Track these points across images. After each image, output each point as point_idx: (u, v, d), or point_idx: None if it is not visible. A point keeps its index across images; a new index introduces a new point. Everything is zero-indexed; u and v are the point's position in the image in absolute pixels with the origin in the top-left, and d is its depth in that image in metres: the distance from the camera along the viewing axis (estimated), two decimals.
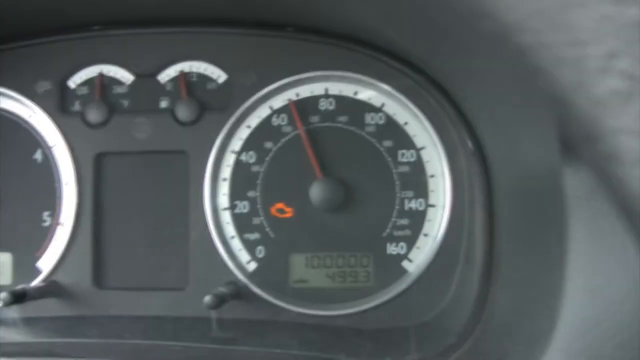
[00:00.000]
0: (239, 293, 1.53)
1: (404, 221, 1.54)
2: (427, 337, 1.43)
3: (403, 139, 1.55)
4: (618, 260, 0.90)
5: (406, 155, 1.55)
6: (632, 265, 0.91)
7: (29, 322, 1.53)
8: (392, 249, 1.54)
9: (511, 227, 1.33)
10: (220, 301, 1.42)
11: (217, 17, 1.59)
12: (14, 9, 1.49)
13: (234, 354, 1.36)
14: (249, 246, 1.57)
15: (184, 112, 1.58)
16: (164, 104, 1.61)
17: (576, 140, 0.52)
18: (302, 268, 1.56)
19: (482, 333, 1.29)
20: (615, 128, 0.50)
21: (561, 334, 0.93)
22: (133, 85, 1.62)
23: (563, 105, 0.52)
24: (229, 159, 1.59)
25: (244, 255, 1.57)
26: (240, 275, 1.55)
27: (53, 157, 1.63)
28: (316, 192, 1.54)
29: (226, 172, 1.58)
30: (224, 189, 1.58)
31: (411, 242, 1.54)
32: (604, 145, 0.51)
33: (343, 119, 1.57)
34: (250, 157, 1.58)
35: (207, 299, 1.41)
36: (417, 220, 1.54)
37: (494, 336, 1.24)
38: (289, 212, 1.57)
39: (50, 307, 1.57)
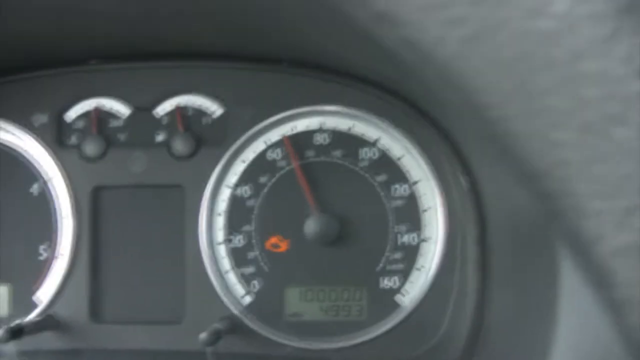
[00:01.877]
0: (234, 328, 1.54)
1: (398, 255, 1.56)
2: None
3: (397, 174, 1.56)
4: None
5: (399, 190, 1.56)
6: None
7: (25, 356, 1.54)
8: (385, 283, 1.56)
9: (504, 263, 1.35)
10: (215, 337, 1.43)
11: (213, 51, 1.61)
12: (10, 42, 1.50)
13: None
14: (244, 280, 1.59)
15: (179, 146, 1.59)
16: (159, 138, 1.62)
17: (591, 285, 0.54)
18: (296, 302, 1.58)
19: None
20: (631, 280, 0.52)
21: None
22: (129, 119, 1.63)
23: (579, 252, 0.54)
24: (224, 194, 1.60)
25: (239, 290, 1.59)
26: (235, 310, 1.56)
27: (50, 191, 1.63)
28: (310, 226, 1.55)
29: (221, 206, 1.60)
30: (219, 223, 1.60)
31: (404, 276, 1.55)
32: (618, 294, 0.52)
33: (337, 153, 1.58)
34: (245, 191, 1.59)
35: (203, 336, 1.42)
36: (411, 254, 1.56)
37: None
38: (283, 246, 1.58)
39: (47, 341, 1.58)
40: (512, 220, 1.28)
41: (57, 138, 1.64)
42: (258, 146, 1.60)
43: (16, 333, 1.48)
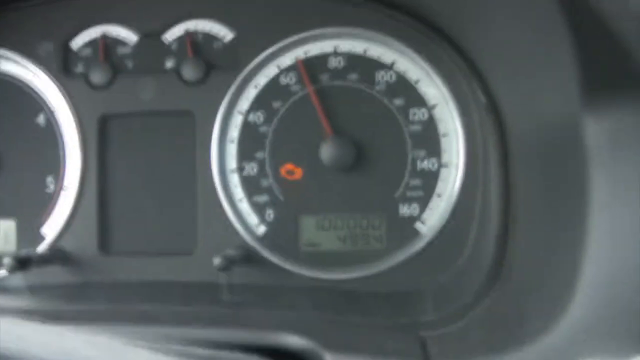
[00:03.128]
0: (249, 257, 1.50)
1: (417, 182, 1.51)
2: (443, 298, 1.40)
3: (414, 98, 1.51)
4: None
5: (417, 114, 1.51)
6: None
7: (34, 289, 1.50)
8: (404, 210, 1.51)
9: (528, 183, 1.30)
10: (229, 263, 1.39)
11: None
12: None
13: (246, 316, 1.33)
14: (258, 209, 1.54)
15: (189, 71, 1.55)
16: (169, 64, 1.58)
17: None
18: (312, 231, 1.53)
19: (499, 291, 1.27)
20: None
21: (584, 288, 0.90)
22: (137, 45, 1.59)
23: None
24: (237, 120, 1.55)
25: (252, 219, 1.54)
26: (249, 239, 1.52)
27: (56, 121, 1.59)
28: (327, 151, 1.50)
29: (234, 132, 1.55)
30: (232, 150, 1.55)
31: (424, 203, 1.51)
32: None
33: (353, 77, 1.53)
34: (258, 117, 1.55)
35: (217, 260, 1.38)
36: (430, 180, 1.51)
37: (513, 294, 1.21)
38: (298, 173, 1.53)
39: (55, 274, 1.54)
40: (536, 138, 1.23)
41: (63, 67, 1.60)
42: (270, 71, 1.55)
43: (24, 263, 1.45)
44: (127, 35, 1.59)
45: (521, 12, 1.07)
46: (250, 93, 1.55)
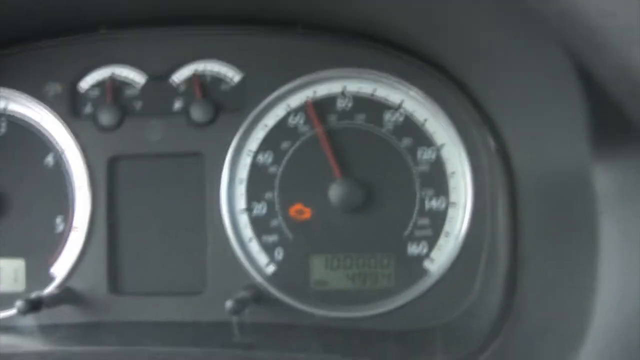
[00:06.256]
0: (259, 297, 1.50)
1: (425, 221, 1.52)
2: (453, 339, 1.41)
3: (422, 137, 1.53)
4: None
5: (425, 154, 1.52)
6: None
7: (45, 330, 1.50)
8: (413, 249, 1.52)
9: (537, 226, 1.31)
10: (241, 306, 1.40)
11: (230, 15, 1.56)
12: (24, 10, 1.46)
13: (257, 359, 1.34)
14: (267, 249, 1.55)
15: (198, 113, 1.55)
16: (177, 105, 1.58)
17: None
18: (321, 270, 1.54)
19: (510, 334, 1.27)
20: None
21: (595, 336, 0.90)
22: (145, 87, 1.60)
23: None
24: (246, 160, 1.56)
25: (262, 258, 1.55)
26: (258, 278, 1.53)
27: (65, 162, 1.60)
28: (335, 192, 1.51)
29: (243, 173, 1.56)
30: (241, 190, 1.56)
31: (432, 241, 1.52)
32: None
33: (361, 117, 1.54)
34: (266, 157, 1.56)
35: (229, 304, 1.38)
36: (438, 219, 1.52)
37: (523, 337, 1.22)
38: (307, 213, 1.54)
39: (66, 314, 1.55)
40: (544, 182, 1.24)
41: (71, 108, 1.60)
42: (279, 112, 1.56)
43: (35, 305, 1.45)
44: (135, 77, 1.60)
45: (531, 60, 1.08)
46: (259, 134, 1.56)
